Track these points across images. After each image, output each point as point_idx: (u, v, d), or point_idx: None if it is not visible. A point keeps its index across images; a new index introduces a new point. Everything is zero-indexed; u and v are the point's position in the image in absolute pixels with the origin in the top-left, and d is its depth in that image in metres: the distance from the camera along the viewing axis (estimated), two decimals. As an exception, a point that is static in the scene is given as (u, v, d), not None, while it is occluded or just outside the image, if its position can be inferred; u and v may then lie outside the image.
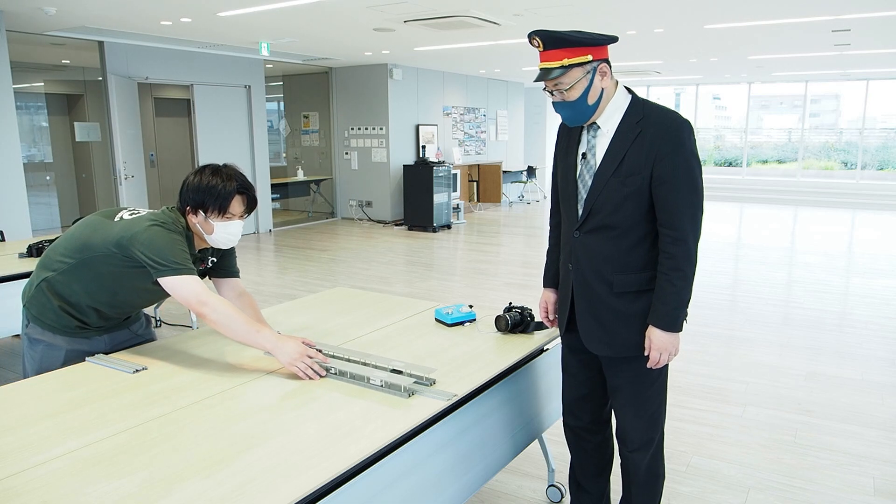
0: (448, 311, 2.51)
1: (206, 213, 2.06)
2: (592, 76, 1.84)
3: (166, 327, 5.03)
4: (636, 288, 1.92)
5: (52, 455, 1.50)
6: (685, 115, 1.89)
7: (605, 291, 1.95)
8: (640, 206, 1.86)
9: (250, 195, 2.13)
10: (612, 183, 1.87)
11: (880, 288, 6.12)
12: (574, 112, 1.89)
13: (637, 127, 1.85)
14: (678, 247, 1.83)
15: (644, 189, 1.84)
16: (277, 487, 1.36)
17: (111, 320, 2.23)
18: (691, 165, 1.82)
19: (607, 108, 1.89)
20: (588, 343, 2.03)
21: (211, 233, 2.10)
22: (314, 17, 6.32)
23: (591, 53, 1.82)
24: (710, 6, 5.76)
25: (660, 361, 1.91)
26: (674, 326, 1.87)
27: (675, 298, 1.85)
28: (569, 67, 1.82)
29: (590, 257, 1.95)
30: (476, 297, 5.81)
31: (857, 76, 12.74)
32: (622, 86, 1.92)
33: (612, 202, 1.88)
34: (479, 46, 8.27)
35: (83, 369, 2.04)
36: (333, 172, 11.18)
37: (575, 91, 1.85)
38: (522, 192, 13.97)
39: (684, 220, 1.82)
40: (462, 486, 1.96)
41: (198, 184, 2.05)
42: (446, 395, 1.81)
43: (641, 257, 1.90)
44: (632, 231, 1.88)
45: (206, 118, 8.86)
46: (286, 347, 1.96)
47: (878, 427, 3.27)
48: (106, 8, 5.78)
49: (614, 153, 1.87)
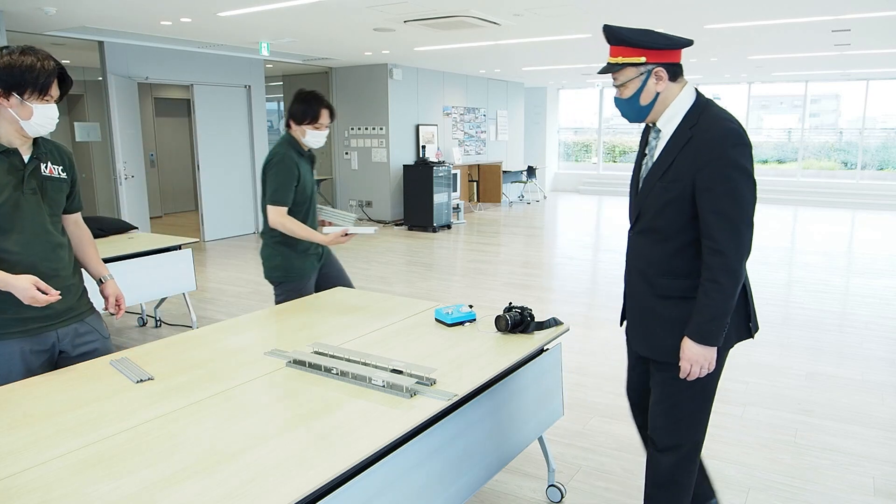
0: (448, 311, 2.51)
1: (23, 94, 1.90)
2: (646, 78, 1.86)
3: (166, 327, 5.03)
4: (679, 293, 1.90)
5: (52, 455, 1.50)
6: None
7: (648, 292, 1.97)
8: (683, 212, 1.84)
9: (66, 74, 2.01)
10: (657, 187, 1.88)
11: (880, 288, 6.12)
12: (626, 109, 1.94)
13: (689, 133, 1.84)
14: (715, 258, 1.79)
15: (686, 196, 1.83)
16: (277, 487, 1.36)
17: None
18: (733, 177, 1.77)
19: (667, 112, 1.89)
20: (631, 341, 2.08)
21: (29, 117, 1.93)
22: (314, 17, 6.32)
23: (645, 55, 1.84)
24: (710, 6, 5.76)
25: (691, 374, 1.87)
26: (706, 339, 1.82)
27: (709, 310, 1.81)
28: (622, 66, 1.86)
29: (637, 257, 2.00)
30: (476, 297, 5.81)
31: (857, 76, 12.74)
32: (690, 90, 1.90)
33: (655, 206, 1.90)
34: (479, 46, 8.27)
35: (83, 369, 2.04)
36: (333, 172, 11.18)
37: (627, 89, 1.89)
38: (522, 192, 13.97)
39: (722, 232, 1.78)
40: (462, 486, 1.96)
41: (9, 63, 1.87)
42: (446, 395, 1.81)
43: (686, 263, 1.88)
44: (675, 236, 1.88)
45: (206, 118, 8.86)
46: (18, 284, 1.90)
47: (878, 427, 3.27)
48: (106, 8, 5.78)
49: (664, 157, 1.88)
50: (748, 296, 1.96)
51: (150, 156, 11.02)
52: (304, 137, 3.04)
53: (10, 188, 1.97)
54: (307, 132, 3.02)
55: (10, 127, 1.96)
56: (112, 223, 4.83)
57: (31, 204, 2.02)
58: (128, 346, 2.83)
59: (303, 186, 3.04)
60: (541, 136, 15.51)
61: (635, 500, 2.61)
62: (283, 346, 2.25)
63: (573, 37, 7.54)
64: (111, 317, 5.50)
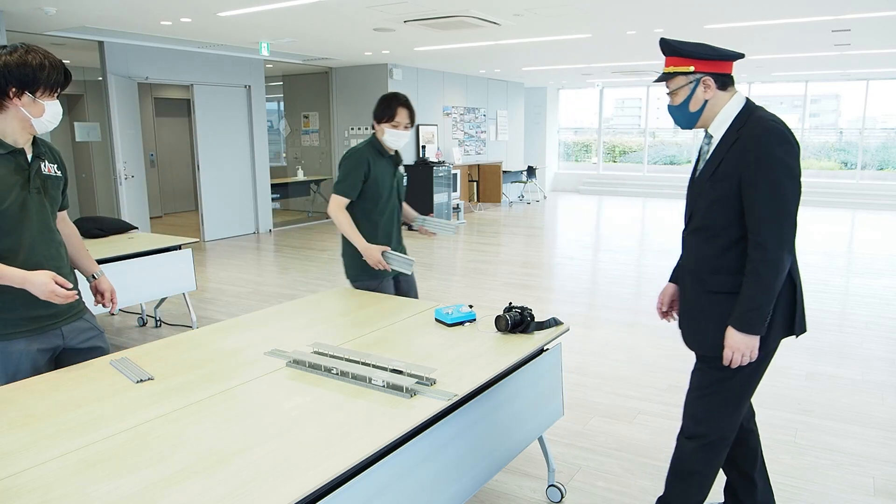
0: (448, 311, 2.51)
1: (36, 92, 1.92)
2: (695, 87, 1.99)
3: (166, 327, 5.03)
4: (728, 289, 1.97)
5: (52, 455, 1.50)
6: None
7: (699, 290, 2.06)
8: (730, 210, 1.94)
9: (68, 70, 2.04)
10: (707, 187, 1.99)
11: (880, 288, 6.12)
12: (677, 116, 2.07)
13: (737, 134, 1.94)
14: (756, 251, 1.88)
15: (733, 194, 1.92)
16: (277, 487, 1.36)
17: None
18: (775, 173, 1.85)
19: (717, 118, 2.00)
20: (684, 338, 2.16)
21: (41, 114, 1.96)
22: (314, 17, 6.32)
23: (694, 65, 1.97)
24: (710, 6, 5.76)
25: (733, 361, 1.95)
26: (746, 327, 1.90)
27: (748, 300, 1.90)
28: (672, 75, 2.01)
29: (689, 256, 2.10)
30: (476, 297, 5.81)
31: (857, 76, 12.74)
32: (740, 98, 2.00)
33: (706, 205, 2.00)
34: (479, 46, 8.27)
35: (83, 369, 2.04)
36: (333, 172, 11.18)
37: (677, 97, 2.03)
38: (522, 192, 13.98)
39: (765, 226, 1.87)
40: (462, 486, 1.96)
41: (22, 62, 1.88)
42: (446, 395, 1.81)
43: (735, 260, 1.96)
44: (724, 233, 1.97)
45: (206, 118, 8.85)
46: (36, 279, 1.91)
47: (878, 427, 3.26)
48: (106, 8, 5.78)
49: (714, 159, 1.99)
50: (797, 295, 2.01)
51: (150, 156, 11.02)
52: (383, 137, 3.07)
53: (17, 188, 1.98)
54: (386, 131, 3.05)
55: (18, 125, 1.96)
56: (112, 223, 4.82)
57: (36, 203, 2.03)
58: (128, 346, 2.83)
59: (374, 184, 3.07)
60: (541, 136, 15.51)
61: (635, 499, 2.61)
62: (283, 346, 2.25)
63: (573, 37, 7.54)
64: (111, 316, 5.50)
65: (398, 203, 3.25)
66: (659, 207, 12.50)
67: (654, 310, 5.34)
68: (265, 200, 9.83)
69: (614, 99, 16.14)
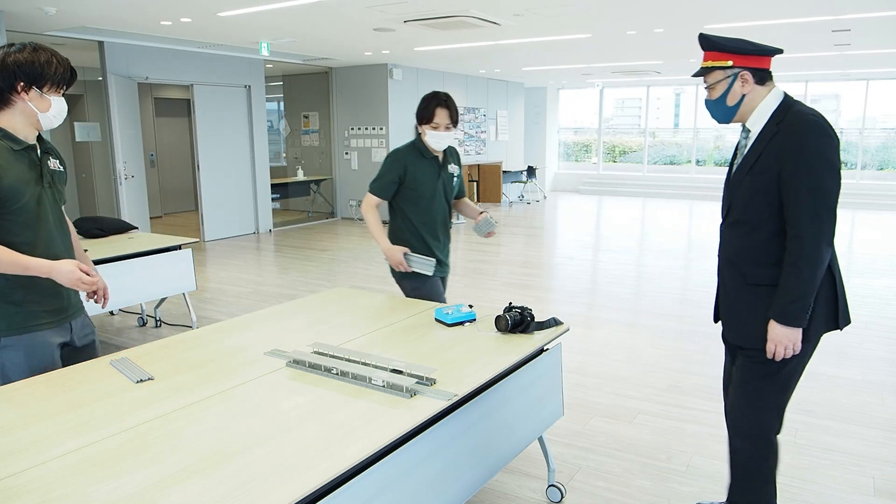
0: (448, 311, 2.51)
1: (43, 88, 1.96)
2: (732, 81, 1.99)
3: (166, 327, 5.03)
4: (768, 282, 1.99)
5: (52, 455, 1.50)
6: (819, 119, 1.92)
7: (738, 283, 2.07)
8: (770, 203, 1.95)
9: (73, 68, 2.07)
10: (746, 181, 2.00)
11: (880, 288, 6.12)
12: (713, 110, 2.08)
13: (776, 128, 1.95)
14: (795, 244, 1.90)
15: (772, 187, 1.93)
16: (277, 487, 1.36)
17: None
18: (815, 166, 1.86)
19: (756, 111, 2.01)
20: (725, 331, 2.19)
21: (47, 110, 2.00)
22: (314, 17, 6.32)
23: (732, 59, 1.98)
24: (710, 6, 5.76)
25: (776, 354, 1.95)
26: (787, 319, 1.92)
27: (788, 292, 1.91)
28: (711, 69, 2.02)
29: (727, 248, 2.11)
30: (476, 297, 5.81)
31: (857, 76, 12.74)
32: (778, 92, 2.01)
33: (744, 198, 2.01)
34: (479, 46, 8.27)
35: (83, 369, 2.04)
36: (333, 172, 11.18)
37: (714, 91, 2.04)
38: (522, 192, 13.97)
39: (803, 219, 1.88)
40: (462, 487, 1.96)
41: (31, 59, 1.93)
42: (446, 395, 1.81)
43: (774, 253, 1.97)
44: (763, 226, 1.98)
45: (206, 118, 8.86)
46: (62, 268, 1.96)
47: (878, 427, 3.26)
48: (106, 8, 5.78)
49: (753, 153, 2.00)
50: (837, 287, 2.01)
51: (150, 156, 11.02)
52: (426, 138, 2.98)
53: (32, 183, 2.02)
54: (427, 132, 2.96)
55: (25, 121, 1.99)
56: (112, 223, 4.82)
57: (49, 197, 2.08)
58: (128, 346, 2.83)
59: (413, 186, 2.99)
60: (541, 136, 15.51)
61: (635, 499, 2.61)
62: (283, 346, 2.25)
63: (573, 37, 7.54)
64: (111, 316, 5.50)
65: (445, 204, 3.11)
66: (659, 207, 12.50)
67: (655, 310, 5.35)
68: (265, 200, 9.83)
69: (614, 99, 16.15)
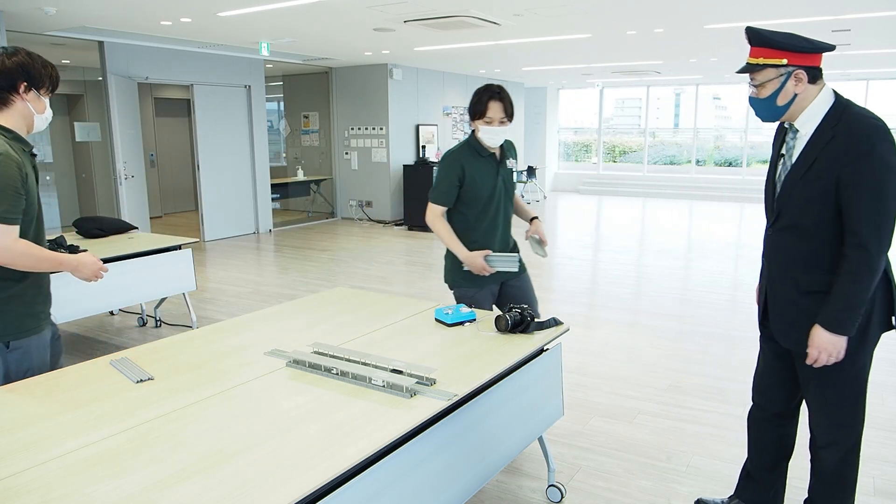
0: (448, 311, 2.51)
1: (40, 90, 2.05)
2: (785, 80, 1.92)
3: (166, 327, 5.03)
4: (824, 288, 1.93)
5: (52, 455, 1.50)
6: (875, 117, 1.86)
7: (791, 289, 2.01)
8: (827, 208, 1.88)
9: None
10: (800, 185, 1.93)
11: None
12: (761, 109, 2.00)
13: (832, 132, 1.87)
14: (856, 252, 1.85)
15: (831, 192, 1.86)
16: (277, 487, 1.36)
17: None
18: (879, 171, 1.81)
19: (805, 113, 1.94)
20: (778, 336, 2.10)
21: (43, 111, 2.09)
22: (314, 17, 6.32)
23: (787, 58, 1.90)
24: (710, 6, 5.76)
25: (818, 360, 1.92)
26: (837, 327, 1.88)
27: (842, 300, 1.87)
28: (762, 66, 1.93)
29: (779, 254, 2.04)
30: (476, 297, 5.80)
31: (857, 76, 12.74)
32: (829, 91, 1.95)
33: (798, 204, 1.94)
34: (479, 46, 8.27)
35: (83, 369, 2.04)
36: (333, 172, 11.18)
37: (765, 90, 1.95)
38: (522, 191, 13.97)
39: (865, 227, 1.83)
40: (462, 486, 1.96)
41: (28, 62, 2.01)
42: (446, 395, 1.81)
43: (829, 259, 1.92)
44: (819, 232, 1.92)
45: (206, 118, 8.85)
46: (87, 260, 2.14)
47: (878, 427, 3.26)
48: (106, 8, 5.78)
49: (807, 156, 1.92)
50: (893, 289, 1.98)
51: (150, 156, 11.02)
52: (479, 135, 2.80)
53: (36, 184, 2.08)
54: (480, 129, 2.78)
55: (21, 122, 2.05)
56: (112, 223, 4.82)
57: (38, 196, 2.13)
58: (128, 346, 2.83)
59: (472, 188, 2.83)
60: (541, 136, 15.50)
61: (635, 499, 2.61)
62: (283, 346, 2.25)
63: (573, 37, 7.54)
64: (111, 316, 5.49)
65: (505, 203, 2.96)
66: (659, 207, 12.49)
67: (655, 310, 5.35)
68: (265, 200, 9.83)
69: (614, 99, 16.14)
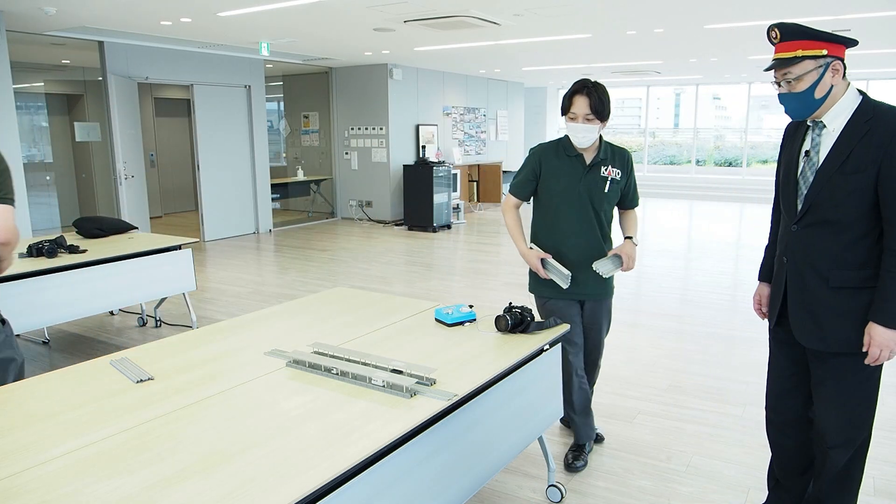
0: (448, 311, 2.51)
1: None
2: (824, 71, 1.90)
3: (166, 327, 5.03)
4: (855, 284, 1.92)
5: (52, 455, 1.50)
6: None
7: (820, 285, 1.97)
8: (864, 202, 1.87)
9: None
10: (836, 179, 1.90)
11: (880, 288, 6.11)
12: (798, 104, 1.95)
13: (866, 126, 1.87)
14: None
15: (869, 186, 1.86)
16: (277, 487, 1.36)
17: None
18: None
19: (835, 107, 1.93)
20: (799, 336, 2.05)
21: None
22: (314, 17, 6.32)
23: (826, 48, 1.88)
24: (710, 6, 5.76)
25: (879, 358, 1.91)
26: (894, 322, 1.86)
27: (894, 294, 1.85)
28: (801, 59, 1.90)
29: (806, 251, 2.00)
30: (476, 297, 5.81)
31: (857, 76, 12.74)
32: (854, 88, 1.95)
33: (834, 198, 1.91)
34: (479, 46, 8.27)
35: (83, 369, 2.04)
36: (333, 172, 11.18)
37: (802, 83, 1.91)
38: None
39: None
40: (462, 486, 1.96)
41: None
42: (446, 395, 1.81)
43: (862, 254, 1.91)
44: (853, 227, 1.90)
45: (206, 118, 8.85)
46: None
47: (878, 427, 3.24)
48: (106, 8, 5.78)
49: (840, 150, 1.90)
50: None
51: (150, 156, 11.02)
52: (568, 133, 2.67)
53: None
54: (567, 125, 2.64)
55: None
56: (112, 223, 4.82)
57: None
58: (128, 346, 2.83)
59: (545, 186, 2.72)
60: (541, 136, 15.50)
61: (635, 499, 2.61)
62: (283, 346, 2.25)
63: (573, 37, 7.54)
64: (111, 316, 5.49)
65: (589, 212, 2.80)
66: (659, 207, 12.49)
67: (655, 310, 5.35)
68: (265, 200, 9.83)
69: (614, 99, 16.04)
